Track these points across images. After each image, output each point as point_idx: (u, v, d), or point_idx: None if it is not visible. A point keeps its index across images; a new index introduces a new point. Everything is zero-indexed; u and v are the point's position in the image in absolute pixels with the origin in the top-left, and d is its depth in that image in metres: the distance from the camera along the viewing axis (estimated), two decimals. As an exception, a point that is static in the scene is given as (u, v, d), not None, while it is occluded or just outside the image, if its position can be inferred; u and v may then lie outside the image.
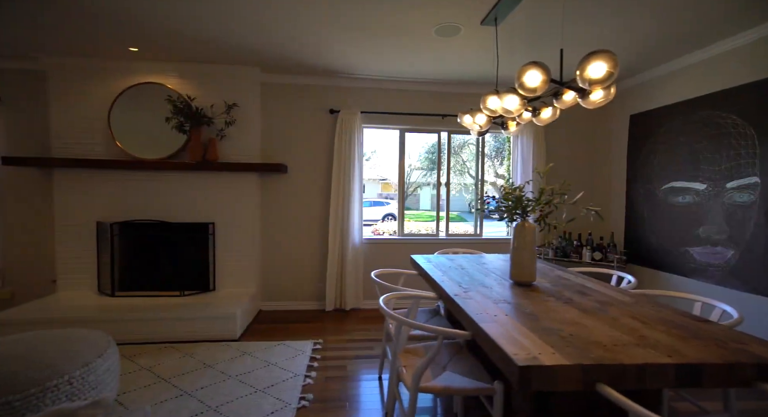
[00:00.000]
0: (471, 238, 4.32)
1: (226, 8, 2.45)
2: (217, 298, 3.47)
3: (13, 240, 3.62)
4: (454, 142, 10.98)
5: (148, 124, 3.48)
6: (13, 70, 3.49)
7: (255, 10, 2.48)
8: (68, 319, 2.95)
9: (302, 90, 3.88)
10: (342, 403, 2.21)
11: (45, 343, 1.84)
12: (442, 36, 2.76)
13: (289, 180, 3.91)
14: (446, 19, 2.53)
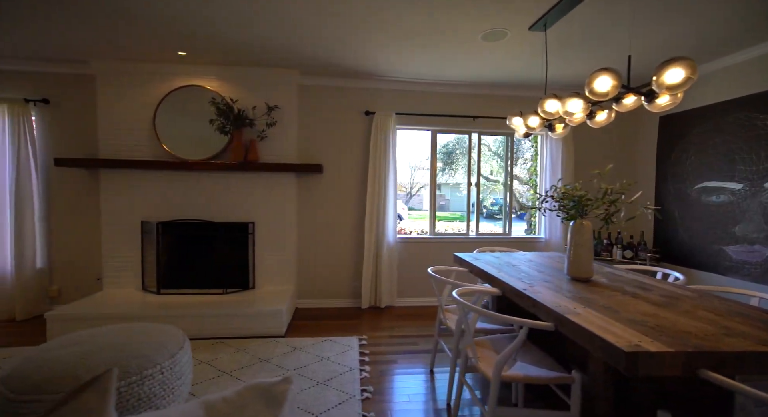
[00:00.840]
0: (500, 237, 4.40)
1: (273, 14, 2.54)
2: (257, 295, 3.56)
3: (61, 239, 3.71)
4: (464, 144, 11.06)
5: (191, 125, 3.57)
6: (63, 74, 3.59)
7: (300, 16, 2.56)
8: (121, 315, 3.04)
9: (338, 92, 3.96)
10: (402, 396, 2.30)
11: (133, 335, 1.93)
12: (488, 41, 2.85)
13: (325, 180, 4.00)
14: (495, 25, 2.62)
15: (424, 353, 2.92)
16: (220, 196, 3.68)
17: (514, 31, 2.69)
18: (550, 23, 2.49)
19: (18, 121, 3.47)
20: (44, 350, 1.77)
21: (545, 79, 3.07)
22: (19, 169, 3.48)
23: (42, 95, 3.57)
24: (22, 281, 3.51)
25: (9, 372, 1.63)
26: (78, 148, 3.66)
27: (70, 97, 3.62)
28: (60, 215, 3.70)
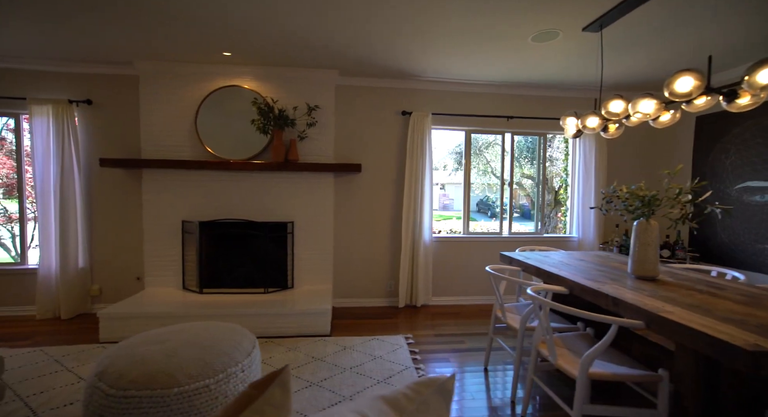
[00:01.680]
0: (533, 236, 4.42)
1: (319, 15, 2.55)
2: (297, 295, 3.58)
3: (101, 239, 3.74)
4: (477, 143, 11.02)
5: (232, 125, 3.60)
6: (106, 75, 3.62)
7: (347, 17, 2.57)
8: (169, 315, 3.07)
9: (375, 92, 3.99)
10: (465, 393, 2.33)
11: (208, 333, 1.95)
12: (538, 42, 2.86)
13: (360, 180, 4.03)
14: (548, 26, 2.63)
15: (472, 351, 2.94)
16: (259, 195, 3.71)
17: (567, 31, 2.70)
18: (606, 24, 2.51)
19: (62, 121, 3.50)
20: (129, 347, 1.80)
21: (600, 79, 3.08)
22: (63, 169, 3.51)
23: (85, 96, 3.60)
24: (67, 280, 3.54)
25: (103, 368, 1.66)
26: (119, 148, 3.69)
27: (112, 97, 3.65)
28: (100, 215, 3.73)
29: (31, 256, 4.04)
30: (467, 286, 4.26)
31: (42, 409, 2.05)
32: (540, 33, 2.73)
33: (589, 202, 4.26)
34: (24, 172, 3.73)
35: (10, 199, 4.86)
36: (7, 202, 4.79)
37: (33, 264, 3.73)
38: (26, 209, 3.77)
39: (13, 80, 3.52)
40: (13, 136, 4.34)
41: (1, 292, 3.63)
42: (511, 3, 2.34)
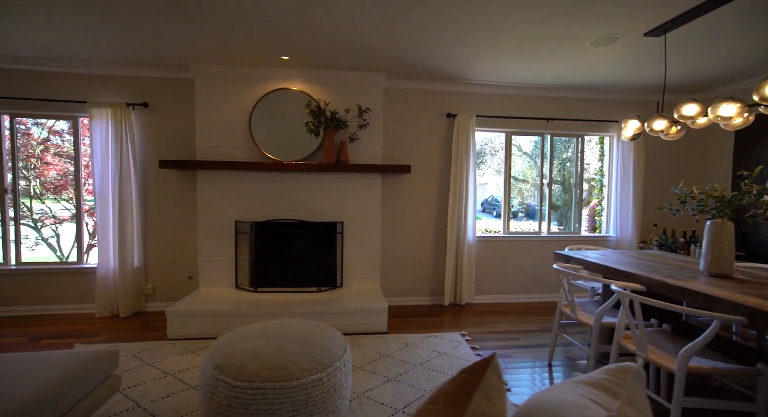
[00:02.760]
0: (572, 236, 4.49)
1: (383, 22, 2.64)
2: (347, 294, 3.66)
3: (156, 239, 3.82)
4: (491, 144, 11.10)
5: (284, 127, 3.68)
6: (162, 78, 3.70)
7: (403, 22, 2.65)
8: (231, 312, 3.15)
9: (420, 94, 4.06)
10: (536, 389, 2.40)
11: (303, 330, 2.03)
12: (596, 46, 2.94)
13: (405, 180, 4.10)
14: (608, 31, 2.71)
15: (529, 348, 3.02)
16: (310, 196, 3.79)
17: (627, 36, 2.78)
18: (670, 29, 2.58)
19: (120, 124, 3.58)
20: (236, 343, 1.87)
21: (664, 82, 3.14)
22: (121, 170, 3.59)
23: (142, 99, 3.68)
24: (124, 279, 3.62)
25: (220, 361, 1.74)
26: (173, 149, 3.77)
27: (168, 100, 3.73)
28: (153, 215, 3.81)
29: (75, 255, 4.12)
30: (508, 285, 4.34)
31: (143, 401, 2.13)
32: (600, 38, 2.80)
33: (627, 203, 4.33)
34: (81, 173, 3.81)
35: (57, 200, 4.94)
36: (51, 202, 4.88)
37: (89, 263, 3.81)
38: (83, 210, 3.85)
39: (74, 84, 3.60)
40: (58, 139, 4.45)
41: (61, 291, 3.71)
42: (575, 9, 2.41)
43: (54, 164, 4.30)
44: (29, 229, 5.00)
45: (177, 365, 2.58)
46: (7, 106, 3.54)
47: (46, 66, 3.52)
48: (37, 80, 3.56)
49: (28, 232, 5.11)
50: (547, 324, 3.58)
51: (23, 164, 4.11)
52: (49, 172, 4.72)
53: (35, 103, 3.55)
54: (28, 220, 4.63)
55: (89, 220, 4.24)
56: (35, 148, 4.40)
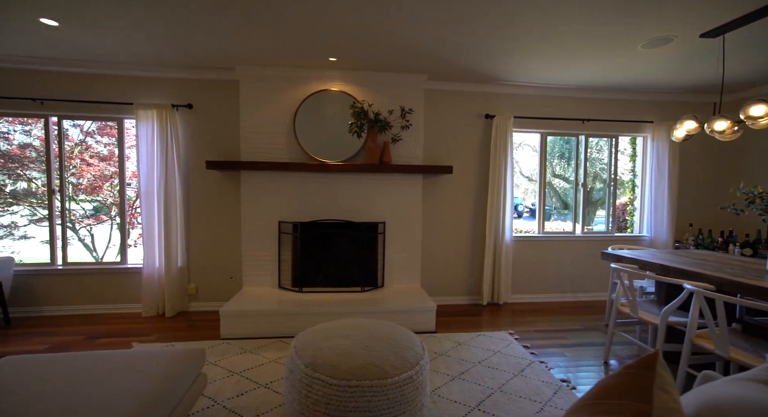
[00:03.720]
0: (606, 236, 4.52)
1: (423, 21, 2.66)
2: (390, 293, 3.69)
3: (198, 239, 3.86)
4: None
5: (328, 128, 3.71)
6: (206, 80, 3.73)
7: (446, 23, 2.67)
8: (279, 312, 3.18)
9: (459, 96, 4.09)
10: (603, 385, 2.43)
11: (381, 329, 2.06)
12: (649, 48, 2.97)
13: (444, 181, 4.14)
14: (662, 33, 2.73)
15: (580, 346, 3.05)
16: (353, 196, 3.82)
17: (682, 38, 2.80)
18: (728, 30, 2.61)
19: (165, 125, 3.61)
20: (320, 341, 1.91)
21: (722, 83, 3.16)
22: (166, 171, 3.63)
23: (187, 101, 3.71)
24: (170, 279, 3.66)
25: (311, 360, 1.77)
26: (216, 150, 3.80)
27: (212, 101, 3.76)
28: (196, 216, 3.85)
29: (110, 255, 4.15)
30: (543, 285, 4.37)
31: (219, 399, 2.16)
32: (654, 40, 2.83)
33: (663, 203, 4.36)
34: (125, 174, 3.84)
35: (90, 200, 4.98)
36: (85, 203, 4.92)
37: (132, 263, 3.85)
38: (126, 210, 3.89)
39: (120, 86, 3.64)
40: (91, 140, 4.49)
41: (105, 291, 3.75)
42: (632, 13, 2.44)
43: (94, 165, 4.34)
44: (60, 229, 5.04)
45: (239, 364, 2.61)
46: (55, 108, 3.58)
47: (94, 68, 3.56)
48: (84, 82, 3.60)
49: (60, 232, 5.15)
50: (589, 323, 3.61)
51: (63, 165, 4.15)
52: (86, 173, 4.76)
53: (82, 105, 3.59)
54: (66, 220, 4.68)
55: (118, 220, 4.28)
56: (73, 149, 4.44)
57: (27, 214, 4.69)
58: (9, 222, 4.37)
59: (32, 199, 4.63)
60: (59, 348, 2.90)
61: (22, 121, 4.44)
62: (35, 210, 4.86)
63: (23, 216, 4.63)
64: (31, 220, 4.78)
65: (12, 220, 4.49)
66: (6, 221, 4.41)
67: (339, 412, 1.65)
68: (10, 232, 4.49)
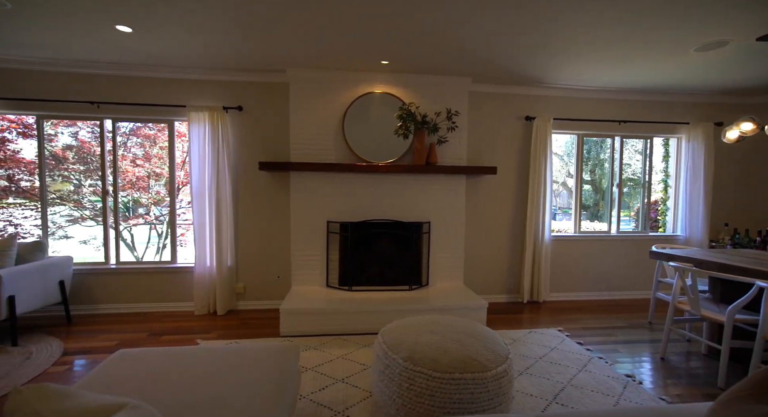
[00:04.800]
0: (640, 235, 4.60)
1: (478, 31, 2.76)
2: (437, 291, 3.77)
3: (246, 239, 3.93)
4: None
5: (375, 130, 3.78)
6: (256, 82, 3.81)
7: (501, 28, 2.76)
8: (335, 310, 3.25)
9: (500, 98, 4.17)
10: (667, 379, 2.51)
11: (463, 326, 2.14)
12: (701, 51, 3.04)
13: (485, 182, 4.21)
14: (717, 37, 2.81)
15: (632, 343, 3.12)
16: (400, 197, 3.89)
17: (736, 42, 2.87)
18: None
19: (217, 127, 3.69)
20: (410, 336, 1.98)
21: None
22: (218, 172, 3.71)
23: (237, 103, 3.79)
24: (221, 278, 3.73)
25: (409, 354, 1.85)
26: (265, 152, 3.88)
27: (261, 103, 3.84)
28: (243, 216, 3.93)
29: (149, 254, 4.22)
30: (579, 283, 4.44)
31: (303, 393, 2.24)
32: (707, 44, 2.90)
33: (698, 203, 4.43)
34: (175, 175, 3.92)
35: (132, 200, 5.07)
36: (124, 203, 5.00)
37: (181, 262, 3.92)
38: (176, 211, 3.97)
39: (172, 89, 3.71)
40: (129, 142, 4.57)
41: (157, 289, 3.83)
42: (688, 16, 2.51)
43: (139, 165, 4.42)
44: (97, 229, 5.12)
45: (309, 360, 2.69)
46: (110, 110, 3.66)
47: (147, 72, 3.64)
48: (136, 86, 3.67)
49: (96, 232, 5.24)
50: (632, 320, 3.69)
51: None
52: (130, 174, 4.85)
53: (135, 107, 3.67)
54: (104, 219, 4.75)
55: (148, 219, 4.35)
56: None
57: (65, 214, 4.78)
58: (50, 222, 4.47)
59: (75, 198, 4.71)
60: (127, 344, 2.97)
61: (67, 124, 4.53)
62: (81, 211, 4.94)
63: (62, 216, 4.72)
64: (74, 220, 4.87)
65: (52, 220, 4.59)
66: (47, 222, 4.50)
67: (443, 405, 1.73)
68: (53, 232, 4.58)
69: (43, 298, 3.16)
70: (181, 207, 4.96)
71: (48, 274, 3.22)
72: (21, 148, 4.40)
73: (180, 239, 4.96)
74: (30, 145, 4.48)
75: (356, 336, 3.19)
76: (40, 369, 2.49)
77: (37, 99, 3.48)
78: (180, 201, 5.02)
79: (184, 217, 4.90)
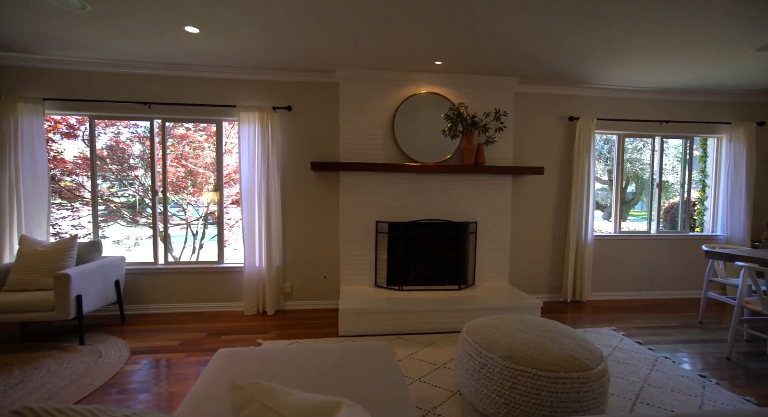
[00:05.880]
0: (680, 235, 4.60)
1: (536, 31, 2.78)
2: (484, 290, 3.78)
3: (293, 239, 3.94)
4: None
5: (424, 130, 3.79)
6: (305, 82, 3.82)
7: (562, 29, 2.78)
8: (390, 310, 3.24)
9: (544, 98, 4.18)
10: (750, 381, 2.51)
11: (548, 324, 2.15)
12: (763, 51, 3.05)
13: (528, 182, 4.22)
14: (782, 37, 2.82)
15: (690, 343, 3.13)
16: (448, 196, 3.90)
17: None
18: None
19: (266, 127, 3.69)
20: (503, 335, 1.99)
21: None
22: (268, 171, 3.71)
23: (286, 103, 3.80)
24: (270, 278, 3.74)
25: (508, 353, 1.85)
26: (312, 151, 3.88)
27: (310, 103, 3.85)
28: (290, 216, 3.93)
29: (186, 254, 4.22)
30: (621, 282, 4.45)
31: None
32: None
33: (739, 203, 4.43)
34: (222, 175, 3.93)
35: (177, 201, 5.08)
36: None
37: (228, 262, 3.93)
38: (224, 211, 3.97)
39: (221, 89, 3.72)
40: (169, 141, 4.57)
41: (204, 289, 3.84)
42: (757, 18, 2.52)
43: (184, 165, 4.43)
44: (128, 229, 5.16)
45: (377, 359, 2.70)
46: (160, 111, 3.67)
47: (197, 72, 3.64)
48: (186, 86, 3.67)
49: (129, 232, 5.26)
50: (682, 320, 3.69)
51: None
52: (171, 174, 4.86)
53: (185, 107, 3.68)
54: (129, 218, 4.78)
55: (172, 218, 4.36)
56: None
57: (102, 214, 4.80)
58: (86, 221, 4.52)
59: (106, 196, 4.73)
60: (189, 344, 2.98)
61: (106, 124, 4.55)
62: (120, 211, 4.96)
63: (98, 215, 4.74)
64: (106, 220, 4.88)
65: (88, 220, 4.61)
66: (84, 222, 4.55)
67: (549, 404, 1.73)
68: (87, 233, 4.60)
69: (103, 298, 3.17)
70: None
71: (107, 274, 3.23)
72: (64, 148, 4.43)
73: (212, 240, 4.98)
74: (73, 146, 4.51)
75: (415, 335, 3.20)
76: (116, 368, 2.50)
77: (92, 100, 3.49)
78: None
79: (226, 217, 4.91)
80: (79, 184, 4.56)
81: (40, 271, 2.91)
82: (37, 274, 2.90)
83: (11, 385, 2.22)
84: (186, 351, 2.86)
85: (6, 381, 2.26)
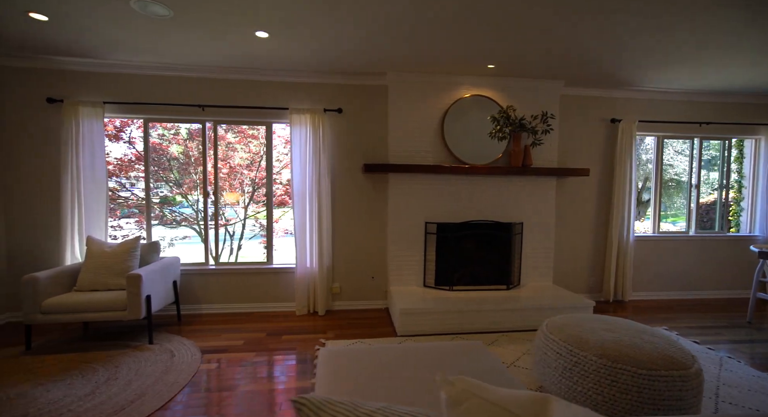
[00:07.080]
0: (717, 235, 4.64)
1: (593, 34, 2.82)
2: (531, 290, 3.81)
3: (341, 240, 3.98)
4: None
5: (473, 132, 3.84)
6: (355, 85, 3.86)
7: (623, 32, 2.82)
8: (444, 310, 3.28)
9: (587, 101, 4.22)
10: (809, 378, 2.55)
11: (622, 323, 2.19)
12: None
13: (571, 183, 4.26)
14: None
15: (745, 343, 3.16)
16: (495, 198, 3.94)
17: None
18: None
19: (318, 129, 3.74)
20: (590, 334, 2.03)
21: None
22: (319, 173, 3.76)
23: (337, 105, 3.84)
24: (321, 278, 3.78)
25: (602, 352, 1.90)
26: (361, 153, 3.92)
27: (360, 106, 3.89)
28: (339, 217, 3.98)
29: (224, 255, 4.26)
30: (661, 282, 4.49)
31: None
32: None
33: (777, 203, 4.47)
34: (272, 177, 3.97)
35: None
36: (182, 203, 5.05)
37: (277, 263, 3.98)
38: (273, 212, 4.02)
39: (272, 92, 3.77)
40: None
41: (256, 290, 3.88)
42: None
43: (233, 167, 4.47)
44: (164, 230, 5.20)
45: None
46: (213, 113, 3.71)
47: (249, 75, 3.69)
48: (237, 88, 3.72)
49: (166, 232, 5.31)
50: (730, 320, 3.73)
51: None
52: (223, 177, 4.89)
53: (237, 110, 3.73)
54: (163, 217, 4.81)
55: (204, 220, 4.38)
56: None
57: (136, 216, 4.85)
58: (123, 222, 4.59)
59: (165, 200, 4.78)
60: (253, 343, 3.03)
61: (151, 126, 4.59)
62: (163, 212, 5.00)
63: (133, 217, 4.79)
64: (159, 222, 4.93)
65: (126, 222, 4.67)
66: (122, 223, 4.60)
67: (652, 401, 1.77)
68: (126, 234, 4.65)
69: (165, 298, 3.21)
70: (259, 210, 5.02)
71: (167, 275, 3.27)
72: (110, 150, 4.48)
73: (257, 240, 5.02)
74: (117, 148, 4.56)
75: (472, 335, 3.24)
76: (193, 366, 2.54)
77: (150, 103, 3.54)
78: (256, 203, 5.08)
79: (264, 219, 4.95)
80: (122, 185, 4.61)
81: (109, 272, 2.96)
82: (105, 274, 2.95)
83: (101, 381, 2.26)
84: (253, 350, 2.90)
85: (94, 378, 2.31)
